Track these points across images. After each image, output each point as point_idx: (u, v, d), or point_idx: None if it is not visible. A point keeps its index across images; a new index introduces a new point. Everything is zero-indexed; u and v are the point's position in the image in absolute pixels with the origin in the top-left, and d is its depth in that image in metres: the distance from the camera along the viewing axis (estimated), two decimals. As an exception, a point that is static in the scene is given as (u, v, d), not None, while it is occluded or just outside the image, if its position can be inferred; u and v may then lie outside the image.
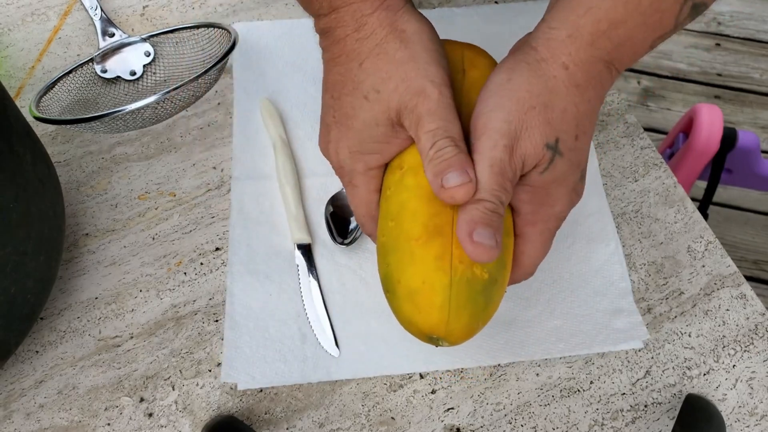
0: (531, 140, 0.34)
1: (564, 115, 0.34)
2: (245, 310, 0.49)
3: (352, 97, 0.37)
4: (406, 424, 0.45)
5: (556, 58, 0.34)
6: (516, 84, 0.35)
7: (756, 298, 0.49)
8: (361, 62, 0.36)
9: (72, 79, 0.58)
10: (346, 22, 0.37)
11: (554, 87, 0.34)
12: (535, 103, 0.34)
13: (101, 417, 0.45)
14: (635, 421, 0.45)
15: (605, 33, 0.34)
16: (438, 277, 0.35)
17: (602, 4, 0.33)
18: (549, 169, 0.35)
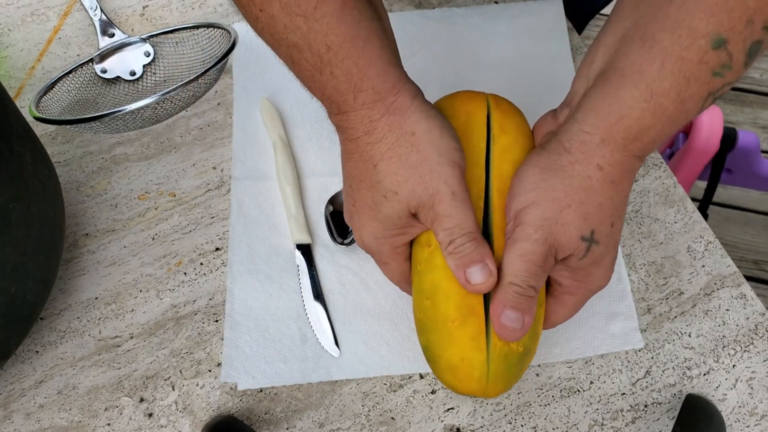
0: (566, 235, 0.37)
1: (600, 208, 0.37)
2: (245, 310, 0.49)
3: (371, 193, 0.39)
4: (406, 424, 0.45)
5: (591, 161, 0.37)
6: (551, 185, 0.37)
7: (756, 298, 0.49)
8: (375, 164, 0.38)
9: (72, 79, 0.58)
10: (355, 126, 0.38)
11: (589, 186, 0.37)
12: (570, 202, 0.37)
13: (101, 417, 0.45)
14: (635, 421, 0.45)
15: (637, 137, 0.36)
16: (475, 355, 0.38)
17: (632, 113, 0.35)
18: (586, 257, 0.38)
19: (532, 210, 0.37)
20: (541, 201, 0.37)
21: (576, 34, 0.62)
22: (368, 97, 0.37)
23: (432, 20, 0.63)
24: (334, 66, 0.36)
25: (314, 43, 0.36)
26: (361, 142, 0.38)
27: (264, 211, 0.53)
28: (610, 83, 0.36)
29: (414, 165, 0.38)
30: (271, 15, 0.35)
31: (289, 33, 0.36)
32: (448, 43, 0.62)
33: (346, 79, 0.37)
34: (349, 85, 0.37)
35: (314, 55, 0.36)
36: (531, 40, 0.62)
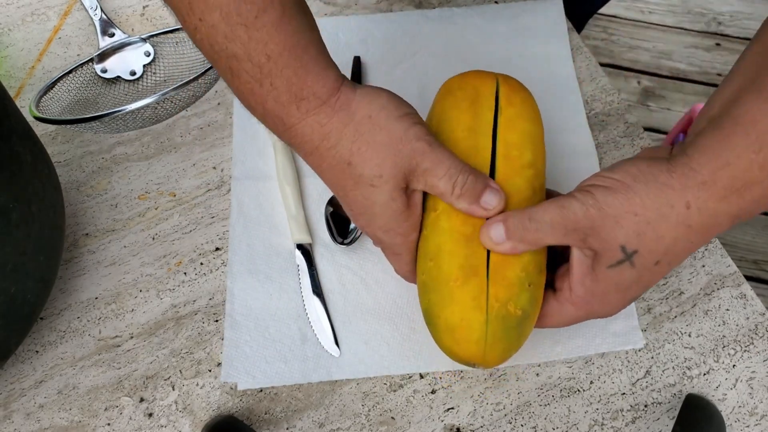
0: (611, 233, 0.36)
1: (659, 240, 0.36)
2: (245, 310, 0.49)
3: (358, 191, 0.39)
4: (406, 424, 0.45)
5: (684, 195, 0.35)
6: (636, 189, 0.36)
7: (756, 298, 0.49)
8: (348, 162, 0.38)
9: (72, 79, 0.58)
10: (309, 136, 0.38)
11: (666, 214, 0.35)
12: (639, 212, 0.36)
13: (101, 417, 0.45)
14: (635, 421, 0.45)
15: (739, 191, 0.35)
16: (475, 315, 0.38)
17: (739, 163, 0.34)
18: (616, 269, 0.37)
19: (605, 192, 0.36)
20: (617, 192, 0.36)
21: (576, 34, 0.62)
22: (311, 104, 0.37)
23: (432, 20, 0.63)
24: (274, 76, 0.36)
25: (254, 53, 0.35)
26: (321, 149, 0.38)
27: (264, 211, 0.53)
28: (722, 128, 0.35)
29: (384, 142, 0.38)
30: (211, 25, 0.35)
31: (229, 43, 0.35)
32: (448, 43, 0.62)
33: (286, 89, 0.36)
34: (290, 95, 0.36)
35: (254, 66, 0.35)
36: (531, 40, 0.62)
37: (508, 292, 0.38)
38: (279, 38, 0.35)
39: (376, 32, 0.63)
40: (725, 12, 1.61)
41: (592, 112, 0.58)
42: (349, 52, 0.61)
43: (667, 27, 1.58)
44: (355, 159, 0.38)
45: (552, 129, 0.56)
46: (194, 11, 0.35)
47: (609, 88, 0.60)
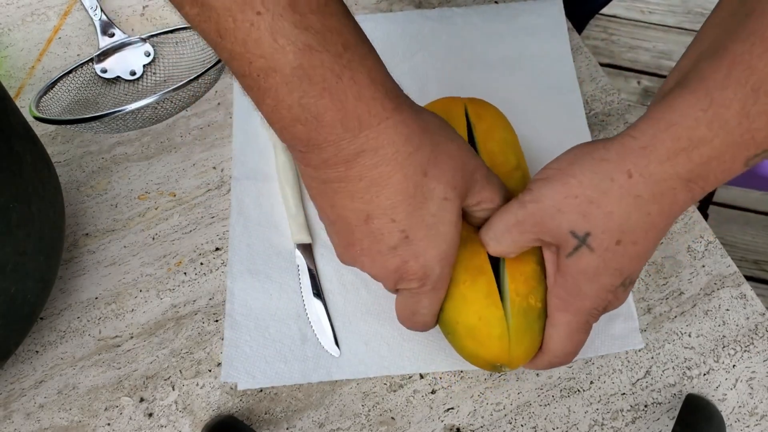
0: (556, 221, 0.35)
1: (608, 216, 0.34)
2: (245, 310, 0.49)
3: (426, 209, 0.35)
4: (406, 424, 0.45)
5: (622, 165, 0.34)
6: (571, 171, 0.35)
7: (756, 298, 0.49)
8: (425, 172, 0.34)
9: (72, 79, 0.58)
10: (391, 139, 0.33)
11: (607, 189, 0.34)
12: (578, 194, 0.34)
13: (101, 417, 0.45)
14: (635, 421, 0.45)
15: (685, 150, 0.32)
16: (491, 311, 0.38)
17: (684, 121, 0.32)
18: (574, 257, 0.35)
19: (541, 184, 0.36)
20: (553, 180, 0.35)
21: (576, 34, 0.62)
22: (394, 101, 0.33)
23: (432, 20, 0.63)
24: (354, 69, 0.31)
25: (330, 42, 0.30)
26: (401, 155, 0.33)
27: (264, 211, 0.53)
28: (671, 94, 0.33)
29: (455, 154, 0.36)
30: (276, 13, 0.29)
31: (300, 32, 0.30)
32: (448, 43, 0.62)
33: (369, 82, 0.32)
34: (374, 90, 0.32)
35: (332, 56, 0.30)
36: (531, 40, 0.62)
37: (527, 286, 0.39)
38: (351, 27, 0.32)
39: (376, 32, 0.63)
40: (725, 12, 1.61)
41: (592, 112, 0.58)
42: (349, 52, 0.61)
43: (667, 27, 1.58)
44: (432, 169, 0.34)
45: (552, 129, 0.56)
46: (251, 4, 0.29)
47: (609, 88, 0.60)
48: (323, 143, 0.32)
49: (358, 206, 0.34)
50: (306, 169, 0.35)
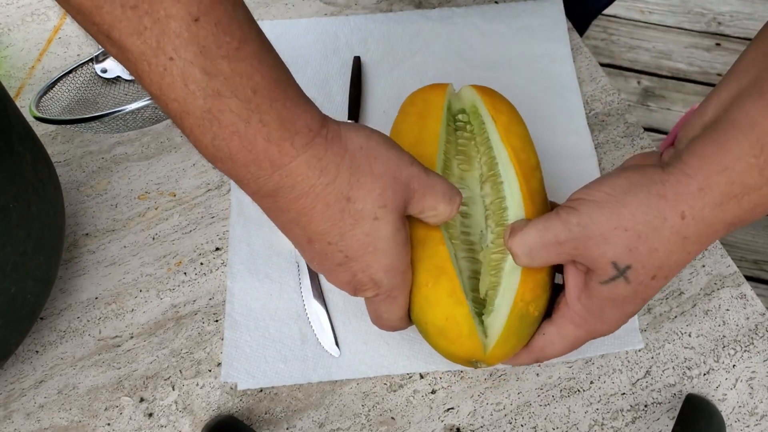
0: (600, 249, 0.35)
1: (652, 253, 0.34)
2: (245, 310, 0.49)
3: (359, 229, 0.36)
4: (406, 424, 0.45)
5: (677, 205, 0.34)
6: (625, 201, 0.35)
7: (756, 298, 0.49)
8: (348, 197, 0.35)
9: (72, 79, 0.58)
10: (304, 174, 0.34)
11: (659, 227, 0.34)
12: (628, 227, 0.34)
13: (101, 417, 0.45)
14: (635, 421, 0.45)
15: (737, 197, 0.33)
16: (457, 310, 0.39)
17: (737, 166, 0.32)
18: (609, 285, 0.36)
19: (591, 207, 0.36)
20: (605, 206, 0.35)
21: (576, 33, 0.62)
22: (305, 137, 0.34)
23: (432, 20, 0.63)
24: (263, 111, 0.32)
25: (240, 87, 0.31)
26: (318, 187, 0.34)
27: (264, 211, 0.53)
28: (717, 131, 0.34)
29: (382, 171, 0.36)
30: (187, 61, 0.30)
31: (210, 79, 0.30)
32: (448, 43, 0.62)
33: (278, 125, 0.33)
34: (282, 131, 0.33)
35: (240, 102, 0.31)
36: (531, 40, 0.62)
37: (533, 293, 0.39)
38: (264, 70, 0.32)
39: (376, 32, 0.63)
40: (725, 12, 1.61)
41: (592, 112, 0.58)
42: (349, 52, 0.61)
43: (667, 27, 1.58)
44: (355, 193, 0.35)
45: (552, 129, 0.56)
46: (164, 50, 0.30)
47: (609, 88, 0.60)
48: (243, 180, 0.34)
49: (298, 231, 0.36)
50: None
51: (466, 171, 0.45)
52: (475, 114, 0.47)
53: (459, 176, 0.45)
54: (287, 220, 0.36)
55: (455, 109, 0.48)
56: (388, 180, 0.36)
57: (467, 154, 0.46)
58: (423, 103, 0.46)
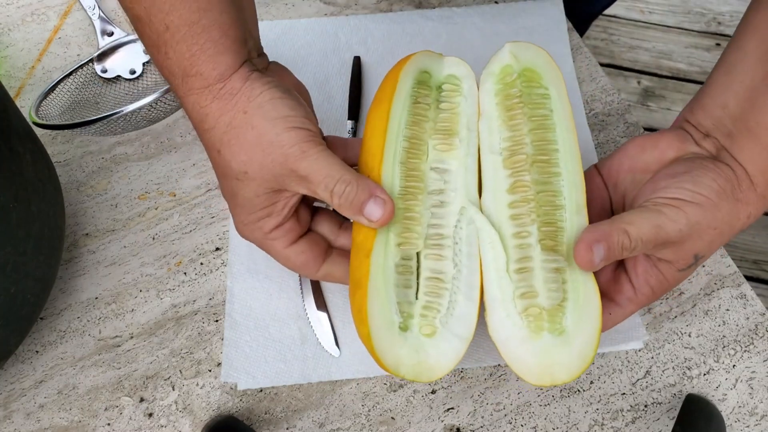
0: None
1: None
2: (245, 310, 0.49)
3: (226, 180, 0.40)
4: (406, 424, 0.45)
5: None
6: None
7: (756, 298, 0.49)
8: (218, 150, 0.39)
9: (72, 80, 0.58)
10: (190, 113, 0.39)
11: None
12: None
13: (101, 417, 0.45)
14: (635, 421, 0.45)
15: None
16: (361, 329, 0.38)
17: None
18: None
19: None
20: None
21: (576, 33, 0.62)
22: (195, 82, 0.38)
23: (432, 20, 0.63)
24: (169, 47, 0.37)
25: (155, 19, 0.36)
26: (199, 129, 0.39)
27: (264, 211, 0.53)
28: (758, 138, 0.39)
29: (252, 142, 0.38)
30: None
31: (134, 4, 0.36)
32: (448, 43, 0.62)
33: (177, 62, 0.37)
34: (179, 68, 0.37)
35: (153, 32, 0.37)
36: (531, 39, 0.62)
37: None
38: (182, 11, 0.36)
39: (376, 32, 0.63)
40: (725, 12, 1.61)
41: (592, 112, 0.58)
42: (349, 52, 0.61)
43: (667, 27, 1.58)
44: (225, 150, 0.38)
45: (552, 129, 0.56)
46: None
47: (609, 88, 0.60)
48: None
49: None
50: None
51: (447, 151, 0.41)
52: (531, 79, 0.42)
53: (437, 159, 0.41)
54: None
55: (438, 79, 0.43)
56: (256, 152, 0.38)
57: (449, 131, 0.42)
58: (380, 87, 0.42)
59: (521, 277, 0.39)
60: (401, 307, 0.38)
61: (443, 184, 0.40)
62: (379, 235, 0.38)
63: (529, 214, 0.39)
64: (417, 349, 0.38)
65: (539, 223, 0.39)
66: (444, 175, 0.41)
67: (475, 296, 0.39)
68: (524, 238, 0.39)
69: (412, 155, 0.41)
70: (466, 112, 0.42)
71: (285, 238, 0.41)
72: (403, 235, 0.39)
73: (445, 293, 0.39)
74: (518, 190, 0.40)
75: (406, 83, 0.41)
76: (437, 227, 0.40)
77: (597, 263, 0.36)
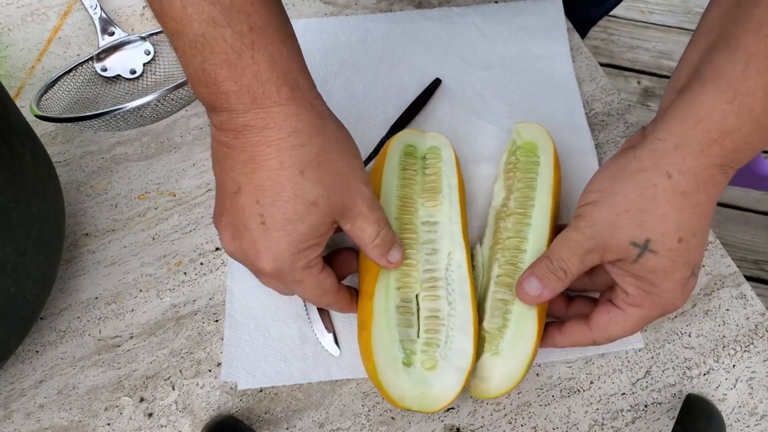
0: (615, 238, 0.37)
1: (662, 219, 0.36)
2: (245, 310, 0.49)
3: (293, 204, 0.36)
4: (406, 424, 0.45)
5: (659, 168, 0.36)
6: (615, 189, 0.38)
7: (756, 298, 0.49)
8: (302, 171, 0.36)
9: (72, 78, 0.58)
10: (278, 124, 0.35)
11: (653, 195, 0.36)
12: (628, 207, 0.37)
13: (101, 417, 0.45)
14: (635, 421, 0.45)
15: (717, 141, 0.35)
16: (368, 364, 0.42)
17: (712, 116, 0.34)
18: (639, 262, 0.37)
19: (591, 208, 0.38)
20: (600, 202, 0.38)
21: (576, 33, 0.62)
22: (292, 92, 0.35)
23: (432, 20, 0.63)
24: (257, 50, 0.33)
25: (236, 21, 0.32)
26: (283, 143, 0.35)
27: (264, 210, 0.53)
28: (691, 90, 0.36)
29: (341, 171, 0.38)
30: None
31: (208, 5, 0.32)
32: (447, 43, 0.62)
33: (269, 66, 0.34)
34: (272, 73, 0.34)
35: (235, 34, 0.33)
36: (530, 39, 0.62)
37: None
38: (264, 12, 0.33)
39: (376, 32, 0.63)
40: (725, 12, 1.61)
41: (592, 112, 0.58)
42: (349, 52, 0.61)
43: (667, 27, 1.58)
44: (311, 172, 0.36)
45: (552, 129, 0.56)
46: None
47: (609, 88, 0.60)
48: (219, 108, 0.35)
49: (235, 177, 0.36)
50: (211, 126, 0.37)
51: (435, 206, 0.48)
52: (529, 152, 0.50)
53: (426, 214, 0.47)
54: (234, 161, 0.36)
55: (422, 150, 0.51)
56: (341, 182, 0.38)
57: (435, 190, 0.48)
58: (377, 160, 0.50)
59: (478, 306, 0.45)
60: (405, 344, 0.43)
61: (433, 235, 0.47)
62: (381, 280, 0.43)
63: (500, 254, 0.46)
64: (420, 381, 0.42)
65: (501, 262, 0.46)
66: (433, 227, 0.47)
67: (470, 330, 0.43)
68: (489, 274, 0.46)
69: (404, 212, 0.47)
70: (447, 174, 0.49)
71: (319, 266, 0.40)
72: (403, 280, 0.45)
73: (442, 329, 0.43)
74: (497, 236, 0.47)
75: (394, 155, 0.49)
76: (431, 271, 0.45)
77: (536, 294, 0.40)
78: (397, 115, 0.57)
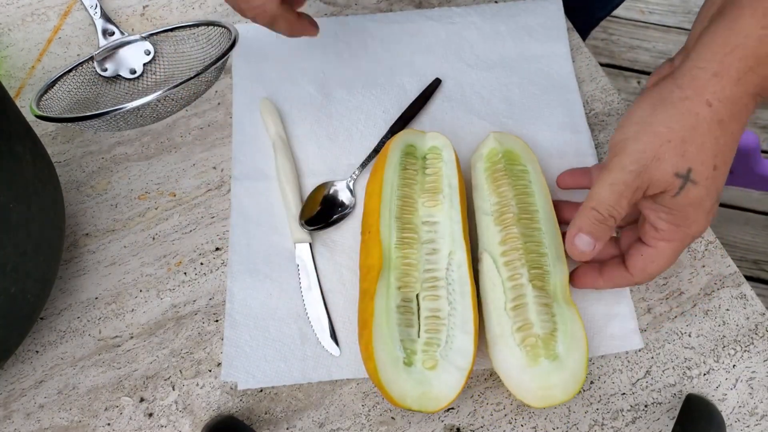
0: (660, 169, 0.37)
1: (702, 148, 0.37)
2: (245, 310, 0.49)
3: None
4: (406, 424, 0.45)
5: (700, 96, 0.36)
6: (657, 120, 0.37)
7: (756, 298, 0.49)
8: None
9: (72, 78, 0.58)
10: None
11: (695, 124, 0.36)
12: (671, 137, 0.37)
13: (101, 417, 0.45)
14: (635, 421, 0.45)
15: (753, 69, 0.35)
16: (368, 364, 0.42)
17: (748, 42, 0.35)
18: (681, 194, 0.38)
19: (632, 143, 0.38)
20: (642, 135, 0.37)
21: (576, 33, 0.62)
22: None
23: (432, 20, 0.63)
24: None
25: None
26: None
27: (264, 211, 0.53)
28: (726, 17, 0.36)
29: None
30: None
31: None
32: (447, 43, 0.62)
33: None
34: None
35: None
36: (530, 39, 0.62)
37: None
38: None
39: (376, 32, 0.63)
40: (725, 12, 1.61)
41: (592, 112, 0.58)
42: (349, 52, 0.61)
43: (667, 27, 1.58)
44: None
45: (552, 129, 0.56)
46: None
47: (609, 88, 0.60)
48: None
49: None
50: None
51: (435, 206, 0.48)
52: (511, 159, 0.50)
53: (426, 213, 0.48)
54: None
55: (423, 150, 0.51)
56: None
57: (435, 190, 0.49)
58: (375, 161, 0.51)
59: (517, 313, 0.44)
60: (405, 344, 0.43)
61: (434, 234, 0.47)
62: (382, 280, 0.44)
63: (519, 259, 0.46)
64: (421, 381, 0.42)
65: (528, 266, 0.45)
66: (433, 227, 0.47)
67: (471, 329, 0.43)
68: (517, 280, 0.45)
69: (405, 211, 0.48)
70: (447, 174, 0.49)
71: None
72: (403, 279, 0.45)
73: (442, 329, 0.44)
74: (508, 241, 0.47)
75: (395, 155, 0.50)
76: (431, 271, 0.46)
77: (588, 249, 0.39)
78: (397, 115, 0.57)
